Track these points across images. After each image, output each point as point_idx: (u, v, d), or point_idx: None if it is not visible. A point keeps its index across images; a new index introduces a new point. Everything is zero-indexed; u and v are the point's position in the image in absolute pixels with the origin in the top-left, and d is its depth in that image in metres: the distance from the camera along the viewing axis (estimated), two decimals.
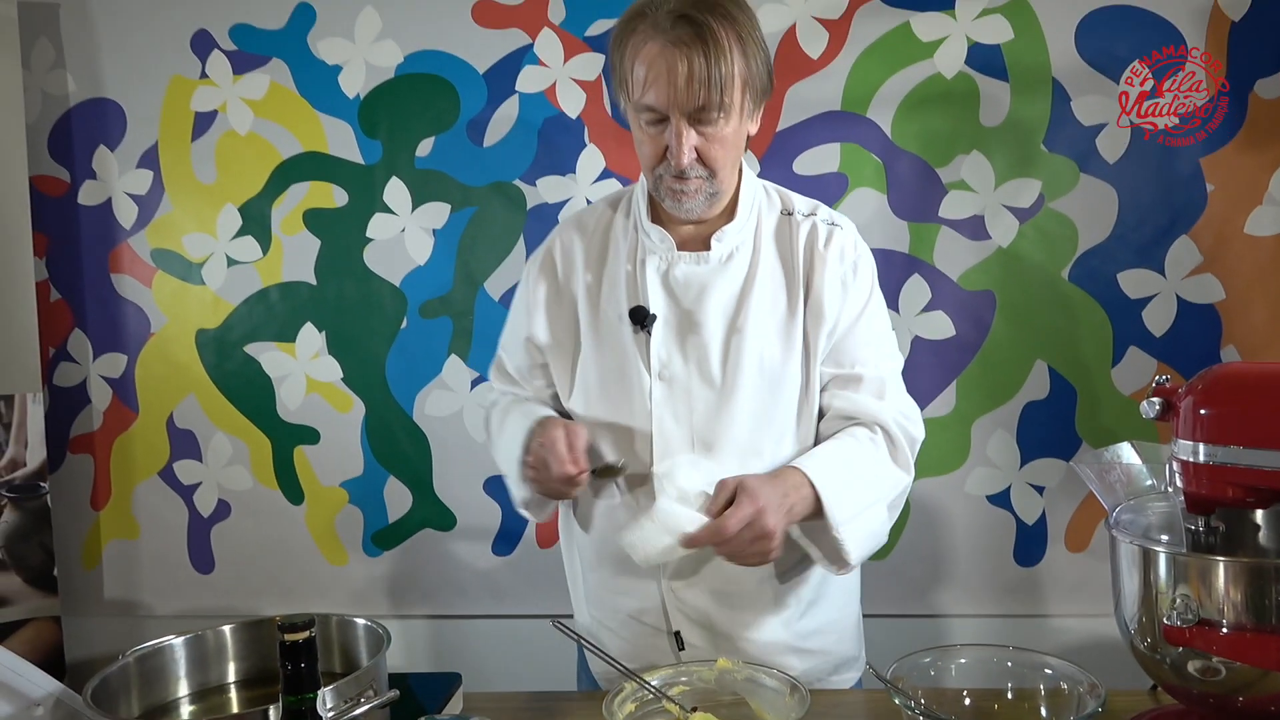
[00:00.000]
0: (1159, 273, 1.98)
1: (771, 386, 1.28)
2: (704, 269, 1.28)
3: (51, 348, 2.30)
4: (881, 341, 1.34)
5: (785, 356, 1.28)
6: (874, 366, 1.31)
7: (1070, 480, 2.04)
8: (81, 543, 2.33)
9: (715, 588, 1.30)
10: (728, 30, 1.16)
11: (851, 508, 1.22)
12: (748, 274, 1.29)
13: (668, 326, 1.28)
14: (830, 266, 1.29)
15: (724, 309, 1.28)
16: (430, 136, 2.16)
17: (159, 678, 1.13)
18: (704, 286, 1.28)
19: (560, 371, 1.36)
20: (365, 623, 1.17)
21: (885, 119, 2.02)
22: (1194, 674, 0.97)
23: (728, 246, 1.29)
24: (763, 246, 1.31)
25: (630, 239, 1.34)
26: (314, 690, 0.79)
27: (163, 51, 2.23)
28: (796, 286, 1.29)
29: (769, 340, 1.28)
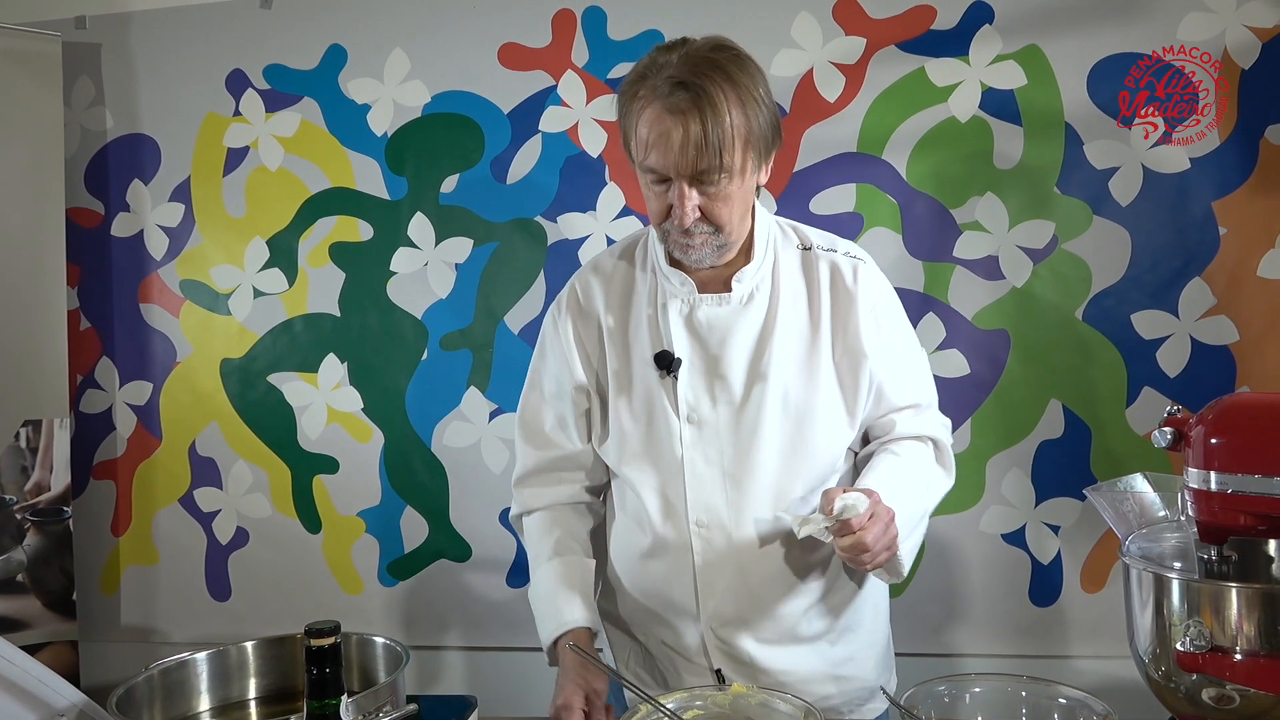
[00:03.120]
0: (1173, 314, 1.99)
1: (799, 423, 1.30)
2: (726, 310, 1.31)
3: (79, 375, 2.34)
4: (918, 364, 1.39)
5: (811, 392, 1.30)
6: (921, 393, 1.37)
7: (1085, 520, 2.03)
8: (101, 568, 2.36)
9: (754, 626, 1.32)
10: (727, 93, 1.19)
11: (909, 524, 1.27)
12: (769, 312, 1.31)
13: (693, 369, 1.30)
14: (861, 301, 1.32)
15: (748, 349, 1.30)
16: (455, 174, 2.22)
17: (181, 691, 1.15)
18: (727, 328, 1.30)
19: (594, 415, 1.38)
20: (384, 641, 1.18)
21: (900, 160, 2.06)
22: (1208, 702, 0.97)
23: (748, 287, 1.31)
24: (782, 283, 1.33)
25: (649, 283, 1.36)
26: (338, 696, 0.81)
27: (198, 90, 2.31)
28: (821, 321, 1.31)
29: (794, 377, 1.30)
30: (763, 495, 1.29)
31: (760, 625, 1.32)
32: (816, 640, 1.34)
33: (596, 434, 1.38)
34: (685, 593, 1.32)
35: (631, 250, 1.42)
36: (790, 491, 1.30)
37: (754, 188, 1.29)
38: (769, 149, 1.27)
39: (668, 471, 1.31)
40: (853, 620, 1.38)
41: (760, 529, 1.30)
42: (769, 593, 1.31)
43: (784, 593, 1.32)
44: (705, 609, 1.32)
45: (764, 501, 1.29)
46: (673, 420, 1.30)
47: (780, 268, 1.34)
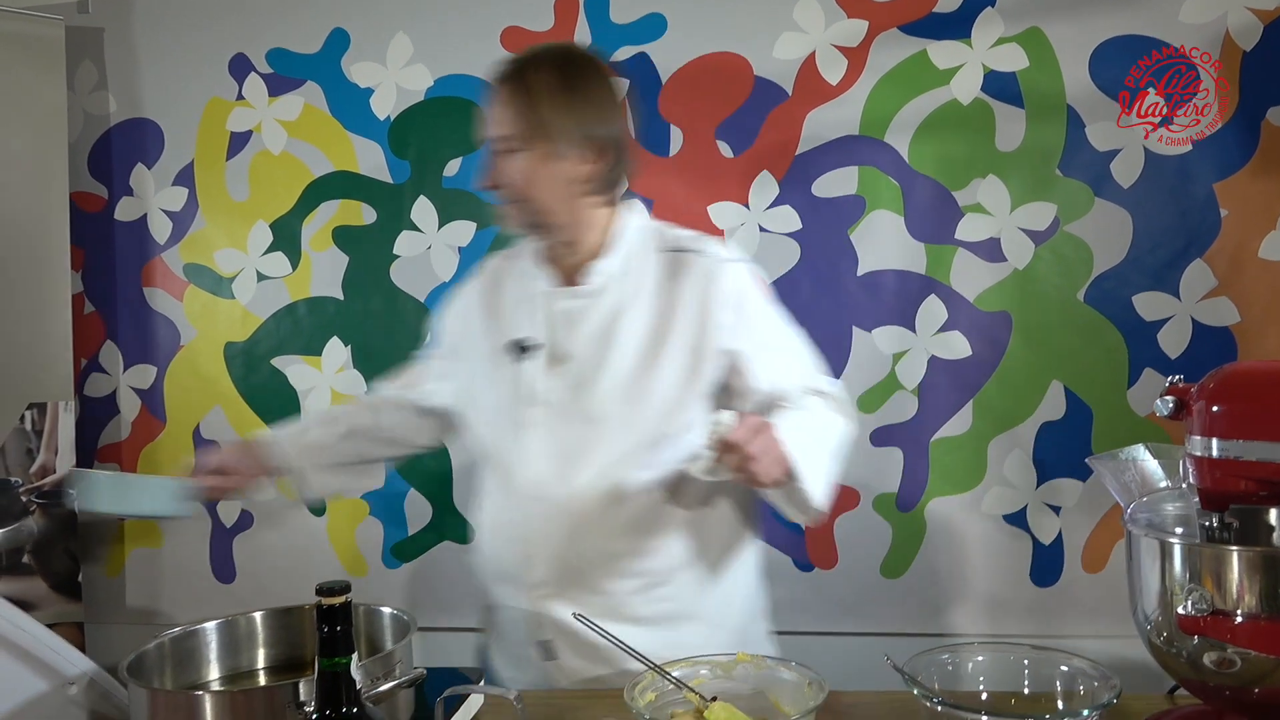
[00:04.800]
0: (1174, 296, 2.00)
1: (640, 413, 1.35)
2: (577, 302, 1.38)
3: (84, 358, 2.35)
4: (795, 351, 1.43)
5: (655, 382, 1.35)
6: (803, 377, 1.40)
7: (1087, 500, 2.04)
8: (106, 551, 2.37)
9: (579, 602, 1.35)
10: (548, 76, 1.31)
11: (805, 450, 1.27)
12: (618, 306, 1.37)
13: (544, 356, 1.38)
14: (723, 300, 1.36)
15: (594, 339, 1.37)
16: (458, 157, 2.22)
17: (191, 659, 1.16)
18: (577, 318, 1.38)
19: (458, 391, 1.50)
20: (391, 611, 1.20)
21: (902, 143, 2.07)
22: (1210, 666, 0.98)
23: (598, 281, 1.38)
24: (639, 280, 1.39)
25: (523, 276, 1.45)
26: (348, 654, 0.82)
27: (201, 74, 2.31)
28: (675, 316, 1.36)
29: (637, 368, 1.35)
30: (598, 478, 1.35)
31: (586, 600, 1.34)
32: (648, 623, 1.36)
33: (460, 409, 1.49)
34: (516, 562, 1.38)
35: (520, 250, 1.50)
36: (626, 475, 1.34)
37: (582, 179, 1.34)
38: (588, 145, 1.33)
39: (511, 449, 1.39)
40: (695, 608, 1.39)
41: (593, 510, 1.35)
42: (597, 570, 1.35)
43: (614, 572, 1.35)
44: (531, 579, 1.36)
45: (599, 484, 1.34)
46: (524, 402, 1.38)
47: (641, 266, 1.39)
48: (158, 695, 1.00)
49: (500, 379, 1.41)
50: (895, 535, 2.11)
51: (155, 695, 1.00)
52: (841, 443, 1.38)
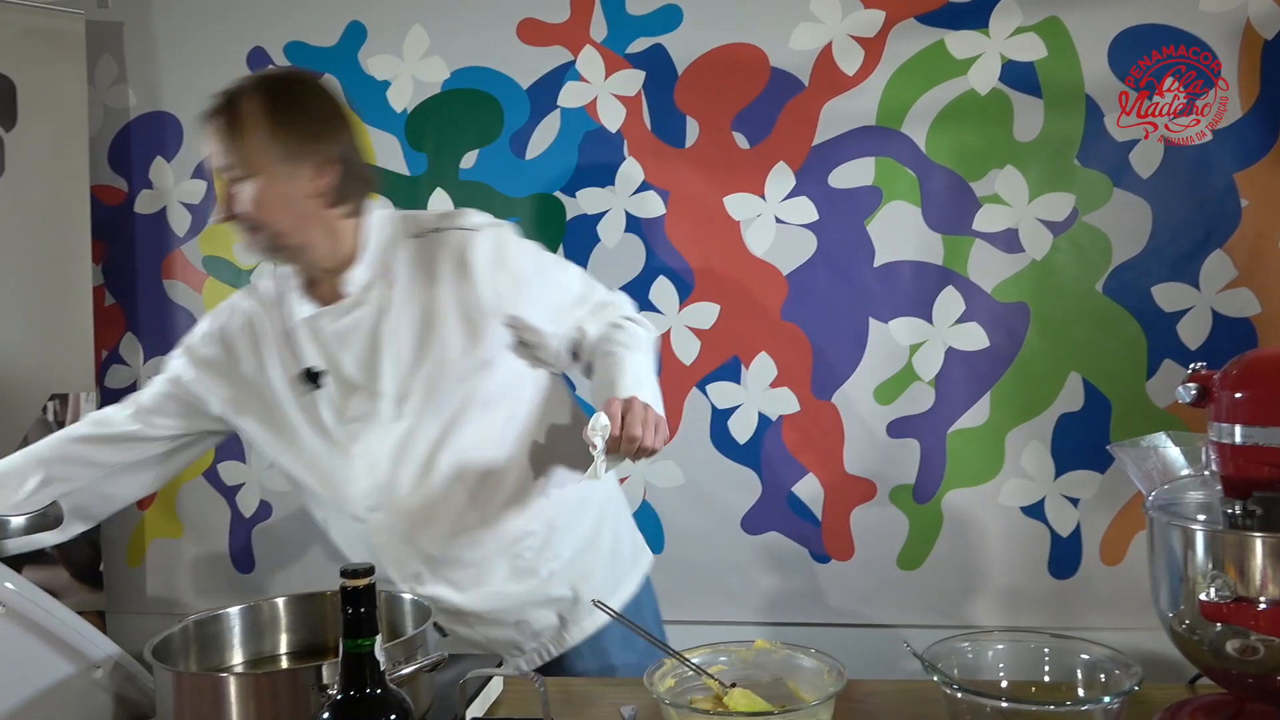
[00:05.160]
0: (1194, 286, 1.99)
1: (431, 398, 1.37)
2: (343, 315, 1.39)
3: (104, 350, 2.37)
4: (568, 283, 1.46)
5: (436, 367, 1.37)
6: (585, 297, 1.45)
7: (1105, 493, 2.04)
8: (127, 541, 2.39)
9: (448, 580, 1.40)
10: (254, 101, 1.31)
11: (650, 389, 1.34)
12: (380, 305, 1.38)
13: (334, 377, 1.39)
14: (477, 265, 1.37)
15: (369, 344, 1.38)
16: (474, 149, 2.23)
17: (215, 644, 1.17)
18: (349, 331, 1.38)
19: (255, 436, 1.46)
20: (412, 598, 1.20)
21: (919, 134, 2.06)
22: (1232, 654, 0.98)
23: (354, 290, 1.39)
24: (396, 275, 1.39)
25: (277, 312, 1.45)
26: (372, 635, 0.82)
27: (220, 67, 2.32)
28: (439, 295, 1.37)
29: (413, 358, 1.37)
30: (421, 465, 1.38)
31: (454, 577, 1.40)
32: (517, 578, 1.42)
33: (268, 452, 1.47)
34: (384, 566, 1.42)
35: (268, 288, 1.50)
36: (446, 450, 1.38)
37: (312, 196, 1.35)
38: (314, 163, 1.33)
39: (335, 473, 1.41)
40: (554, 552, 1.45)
41: (427, 503, 1.39)
42: (450, 550, 1.40)
43: (465, 547, 1.40)
44: (402, 575, 1.41)
45: (424, 471, 1.38)
46: (332, 426, 1.40)
47: (393, 262, 1.40)
48: (182, 677, 1.01)
49: (300, 410, 1.41)
50: (912, 527, 2.11)
51: (180, 677, 1.01)
52: (654, 355, 1.45)
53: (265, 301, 1.47)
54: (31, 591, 1.06)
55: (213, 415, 1.47)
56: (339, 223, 1.38)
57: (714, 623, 2.14)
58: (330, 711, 0.82)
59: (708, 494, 2.18)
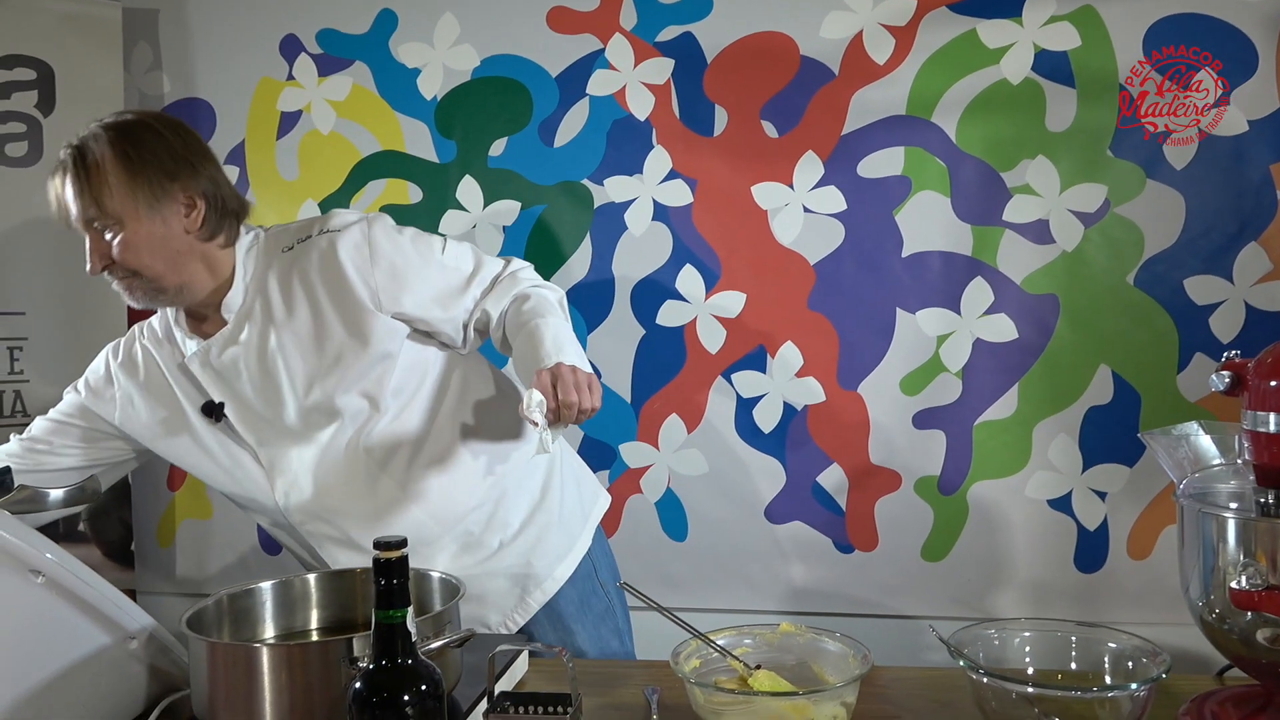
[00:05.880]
0: (1227, 279, 1.97)
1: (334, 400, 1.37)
2: (225, 350, 1.39)
3: None
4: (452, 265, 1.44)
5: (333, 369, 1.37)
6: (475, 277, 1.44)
7: (1133, 486, 2.02)
8: (157, 521, 2.43)
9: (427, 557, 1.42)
10: (101, 147, 1.31)
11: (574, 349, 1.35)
12: (264, 328, 1.38)
13: (235, 406, 1.40)
14: (346, 266, 1.37)
15: (264, 364, 1.38)
16: (503, 137, 2.24)
17: (246, 618, 1.19)
18: (239, 356, 1.39)
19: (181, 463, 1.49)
20: (440, 575, 1.22)
21: (950, 123, 2.05)
22: (1263, 643, 0.97)
23: (236, 311, 1.39)
24: (271, 291, 1.39)
25: (164, 351, 1.46)
26: (404, 607, 0.84)
27: (253, 55, 2.35)
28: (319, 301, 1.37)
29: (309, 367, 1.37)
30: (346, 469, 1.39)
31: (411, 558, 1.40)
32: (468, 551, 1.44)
33: None
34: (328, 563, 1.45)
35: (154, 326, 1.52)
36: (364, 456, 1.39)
37: (170, 232, 1.35)
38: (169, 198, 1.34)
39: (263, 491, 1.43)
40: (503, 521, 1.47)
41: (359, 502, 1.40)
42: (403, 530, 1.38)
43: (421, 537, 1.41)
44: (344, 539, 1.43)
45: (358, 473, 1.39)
46: (244, 454, 1.42)
47: (267, 281, 1.40)
48: (216, 647, 1.03)
49: (213, 444, 1.43)
50: (937, 518, 2.10)
51: (214, 647, 1.02)
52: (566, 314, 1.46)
53: (155, 340, 1.49)
54: (70, 562, 1.08)
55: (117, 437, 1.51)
56: (217, 254, 1.39)
57: (737, 611, 2.15)
58: (363, 680, 0.83)
59: (732, 483, 2.18)
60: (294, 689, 0.99)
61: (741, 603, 2.18)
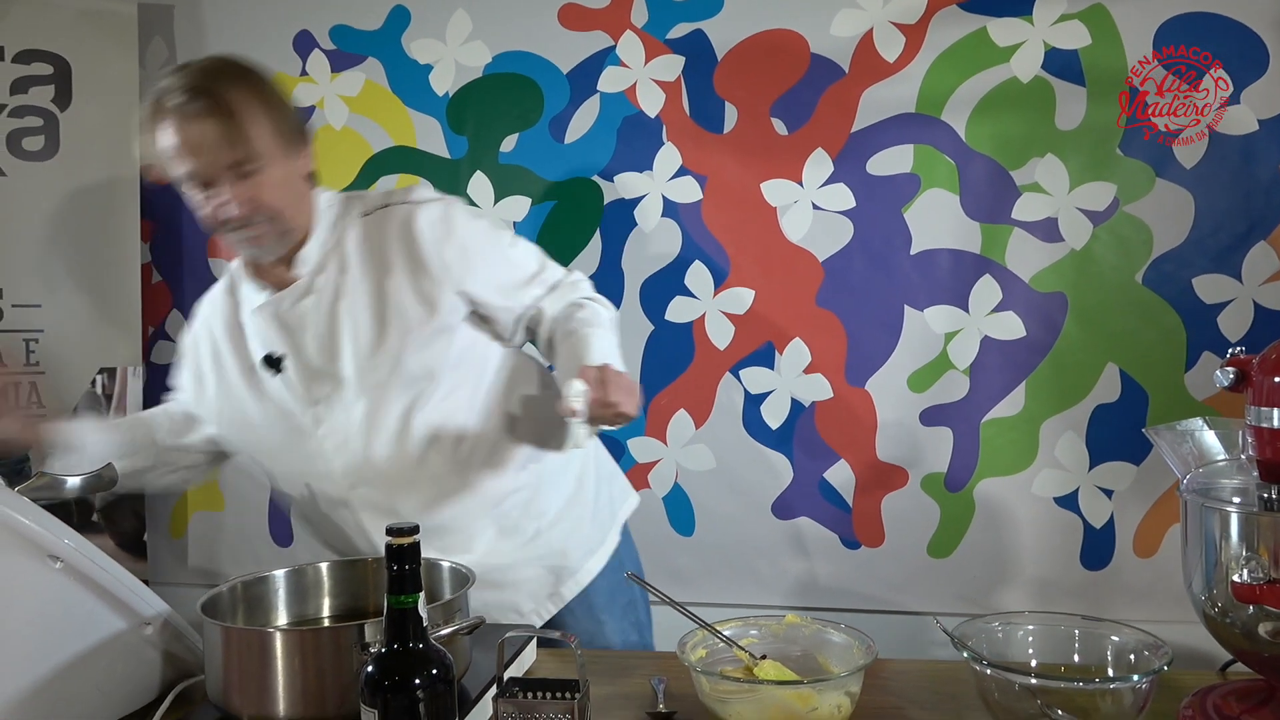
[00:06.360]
0: (1236, 278, 1.97)
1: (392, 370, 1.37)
2: (300, 298, 1.39)
3: (151, 326, 2.43)
4: (521, 258, 1.47)
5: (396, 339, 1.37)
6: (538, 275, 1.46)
7: (1140, 484, 2.03)
8: (170, 512, 2.45)
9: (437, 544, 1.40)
10: (236, 87, 1.29)
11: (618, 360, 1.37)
12: (336, 283, 1.38)
13: (295, 360, 1.39)
14: (428, 238, 1.38)
15: (323, 326, 1.38)
16: (514, 133, 2.25)
17: (260, 604, 1.21)
18: (306, 313, 1.38)
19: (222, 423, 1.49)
20: (450, 565, 1.23)
21: (959, 121, 2.06)
22: (1265, 637, 0.98)
23: (309, 269, 1.39)
24: (348, 252, 1.40)
25: (230, 302, 1.46)
26: (415, 592, 0.85)
27: (266, 50, 2.36)
28: (392, 269, 1.38)
29: (372, 331, 1.37)
30: (394, 435, 1.38)
31: (441, 544, 1.40)
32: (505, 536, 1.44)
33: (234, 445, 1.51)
34: (364, 542, 1.43)
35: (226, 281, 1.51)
36: (417, 416, 1.38)
37: (302, 174, 1.37)
38: (300, 137, 1.36)
39: (310, 453, 1.41)
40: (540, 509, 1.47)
41: (406, 472, 1.39)
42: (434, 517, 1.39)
43: (449, 512, 1.41)
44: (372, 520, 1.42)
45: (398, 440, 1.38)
46: (297, 410, 1.40)
47: (344, 240, 1.40)
48: (231, 632, 1.05)
49: (263, 397, 1.42)
50: (943, 515, 2.11)
51: (229, 632, 1.04)
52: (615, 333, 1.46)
53: (217, 296, 1.49)
54: (88, 548, 1.10)
55: None
56: (312, 201, 1.40)
57: (743, 606, 2.16)
58: (375, 664, 0.85)
59: (739, 478, 2.19)
60: (307, 673, 1.00)
61: (748, 597, 2.19)
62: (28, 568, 1.06)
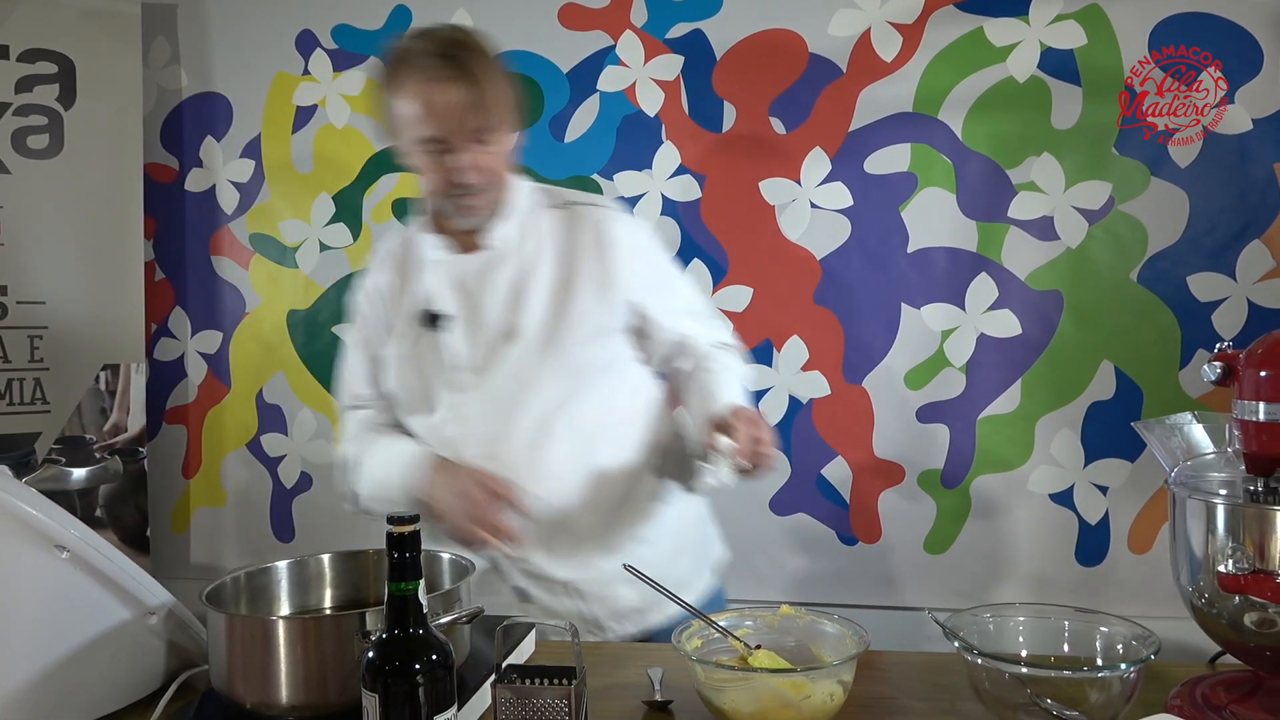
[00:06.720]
0: (1230, 277, 1.99)
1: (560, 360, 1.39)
2: (482, 265, 1.41)
3: (154, 323, 2.45)
4: (684, 287, 1.51)
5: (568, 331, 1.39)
6: (695, 304, 1.50)
7: (1134, 481, 2.04)
8: (172, 508, 2.47)
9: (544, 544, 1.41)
10: (484, 61, 1.32)
11: None
12: (523, 263, 1.41)
13: (461, 322, 1.41)
14: (616, 245, 1.41)
15: (503, 298, 1.40)
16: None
17: (263, 595, 1.22)
18: (483, 281, 1.40)
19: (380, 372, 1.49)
20: (450, 556, 1.25)
21: (956, 121, 2.07)
22: (1250, 627, 1.00)
23: (500, 242, 1.41)
24: (537, 237, 1.42)
25: (411, 251, 1.47)
26: (416, 579, 0.87)
27: (269, 50, 2.39)
28: (577, 266, 1.40)
29: (549, 319, 1.39)
30: (533, 425, 1.40)
31: (550, 542, 1.41)
32: (610, 551, 1.44)
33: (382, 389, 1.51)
34: None
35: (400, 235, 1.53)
36: (561, 420, 1.40)
37: (512, 148, 1.40)
38: (520, 116, 1.39)
39: (449, 415, 1.42)
40: (652, 533, 1.47)
41: (539, 457, 1.40)
42: (561, 514, 1.41)
43: (570, 512, 1.42)
44: None
45: (536, 431, 1.40)
46: (446, 370, 1.41)
47: (534, 224, 1.43)
48: (234, 620, 1.06)
49: (420, 350, 1.43)
50: (940, 511, 2.13)
51: (232, 620, 1.06)
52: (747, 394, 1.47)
53: (394, 258, 1.49)
54: (93, 539, 1.12)
55: None
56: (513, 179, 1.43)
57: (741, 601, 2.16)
58: (376, 649, 0.86)
59: None
60: (309, 661, 1.02)
61: (746, 593, 2.20)
62: (35, 557, 1.08)
